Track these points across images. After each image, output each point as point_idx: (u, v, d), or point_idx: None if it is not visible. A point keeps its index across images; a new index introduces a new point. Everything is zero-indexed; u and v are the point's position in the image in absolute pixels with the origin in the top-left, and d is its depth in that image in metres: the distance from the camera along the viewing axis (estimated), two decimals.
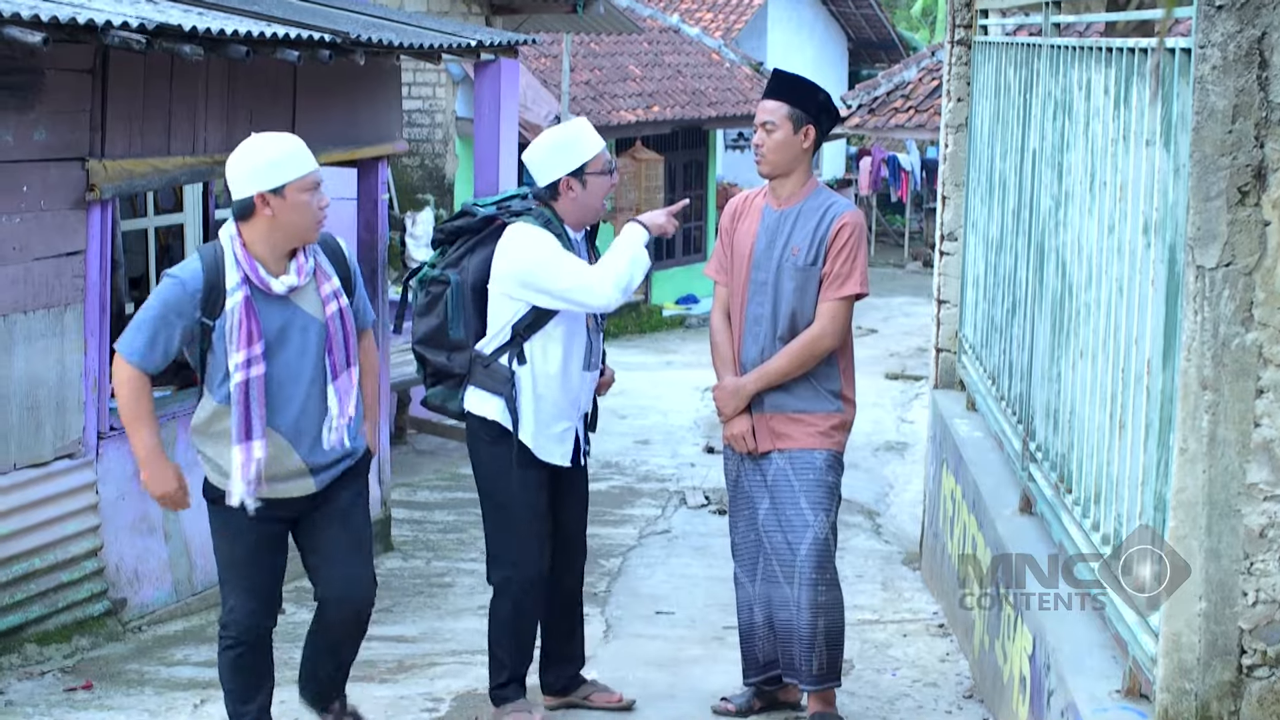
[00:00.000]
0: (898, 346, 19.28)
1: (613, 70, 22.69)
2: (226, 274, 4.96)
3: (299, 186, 4.95)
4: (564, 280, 5.59)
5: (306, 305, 5.06)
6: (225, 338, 4.96)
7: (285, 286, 5.02)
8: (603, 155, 5.72)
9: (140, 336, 4.97)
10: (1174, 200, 3.92)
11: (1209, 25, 3.61)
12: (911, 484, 10.99)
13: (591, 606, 7.93)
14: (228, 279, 4.96)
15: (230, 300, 4.95)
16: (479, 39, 10.41)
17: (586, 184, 5.69)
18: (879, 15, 34.31)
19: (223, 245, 5.00)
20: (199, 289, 4.97)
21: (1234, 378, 3.70)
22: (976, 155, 7.71)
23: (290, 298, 5.04)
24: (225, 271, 4.96)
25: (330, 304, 5.09)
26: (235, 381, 4.95)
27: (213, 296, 4.96)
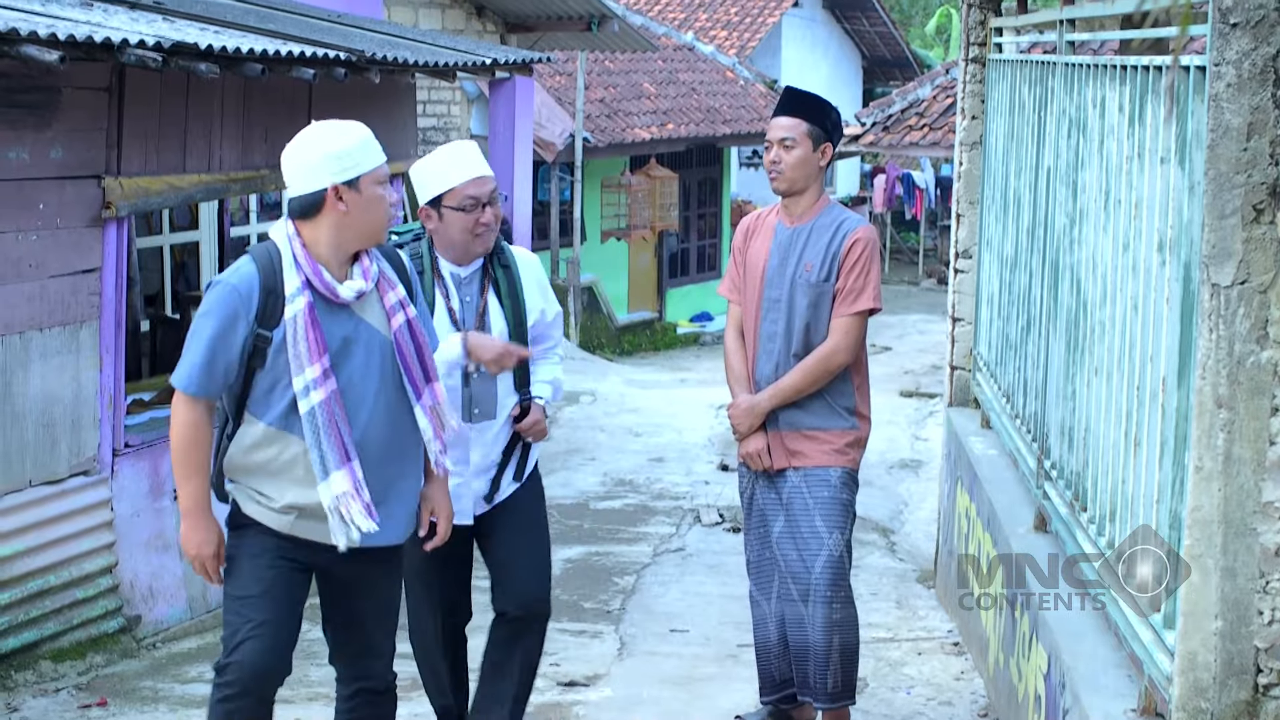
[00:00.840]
0: (912, 364, 19.25)
1: (627, 88, 22.73)
2: (285, 277, 4.39)
3: (374, 178, 4.42)
4: None
5: (370, 317, 4.50)
6: (285, 351, 4.37)
7: (354, 291, 4.43)
8: (462, 190, 5.17)
9: (196, 361, 4.35)
10: (1189, 218, 3.92)
11: (1224, 43, 3.61)
12: (926, 502, 10.97)
13: (606, 624, 7.93)
14: (287, 283, 4.38)
15: (290, 308, 4.36)
16: (494, 57, 10.44)
17: (445, 217, 5.20)
18: (893, 33, 34.35)
19: (278, 246, 4.42)
20: (255, 294, 4.37)
21: (1249, 396, 3.69)
22: (991, 173, 7.71)
23: (353, 308, 4.47)
24: (283, 275, 4.39)
25: (396, 315, 4.51)
26: (313, 402, 4.34)
27: (270, 303, 4.37)
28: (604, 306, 21.88)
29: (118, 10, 7.75)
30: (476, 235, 5.19)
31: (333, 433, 4.36)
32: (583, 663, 7.21)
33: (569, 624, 7.94)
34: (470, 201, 5.16)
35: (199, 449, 4.41)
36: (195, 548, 4.46)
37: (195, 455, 4.40)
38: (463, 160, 5.23)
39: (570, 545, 9.67)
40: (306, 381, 4.34)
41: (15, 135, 6.80)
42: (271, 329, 4.36)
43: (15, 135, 6.80)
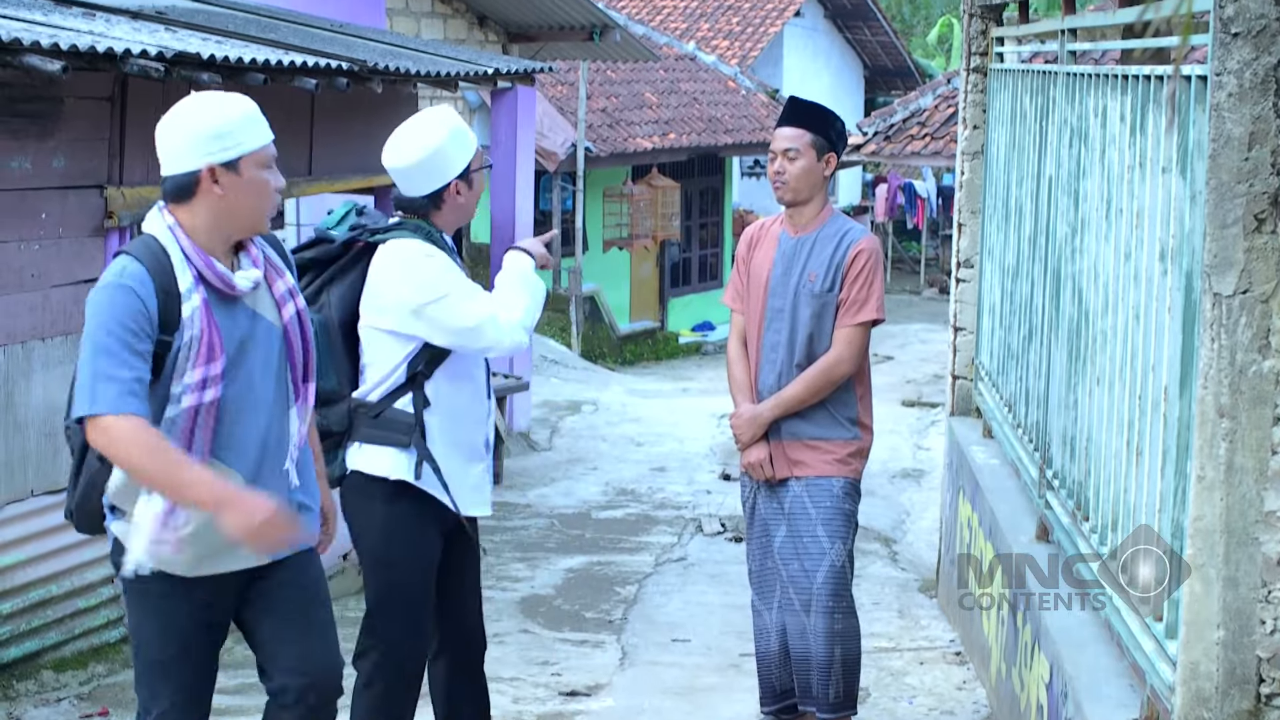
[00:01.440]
0: (914, 373, 19.25)
1: (629, 98, 22.74)
2: (177, 273, 3.86)
3: (257, 160, 3.93)
4: (466, 315, 4.77)
5: (263, 309, 4.03)
6: (178, 356, 3.85)
7: (250, 281, 3.96)
8: (479, 148, 5.00)
9: (114, 377, 3.74)
10: (1190, 227, 3.92)
11: (1225, 52, 3.61)
12: (928, 511, 10.96)
13: (607, 633, 7.93)
14: (180, 281, 3.85)
15: (187, 307, 3.84)
16: (496, 67, 10.45)
17: (473, 183, 4.94)
18: (895, 43, 34.38)
19: (159, 238, 3.90)
20: (152, 296, 3.82)
21: (1251, 405, 3.69)
22: (993, 182, 7.71)
23: (245, 301, 3.99)
24: (175, 271, 3.86)
25: (287, 305, 4.05)
26: (181, 407, 3.83)
27: (167, 304, 3.83)
28: (606, 316, 21.88)
29: (120, 20, 7.75)
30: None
31: (187, 443, 3.85)
32: (584, 672, 7.20)
33: (570, 633, 7.93)
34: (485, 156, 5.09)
35: (160, 441, 3.76)
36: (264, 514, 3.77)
37: (170, 453, 3.76)
38: (461, 127, 4.96)
39: (572, 554, 9.66)
40: (188, 384, 3.84)
41: (17, 145, 6.80)
42: (172, 333, 3.84)
43: (17, 145, 6.80)
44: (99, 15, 7.77)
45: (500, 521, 10.66)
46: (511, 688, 6.89)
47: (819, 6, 32.93)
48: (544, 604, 8.54)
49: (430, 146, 4.84)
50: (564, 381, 16.67)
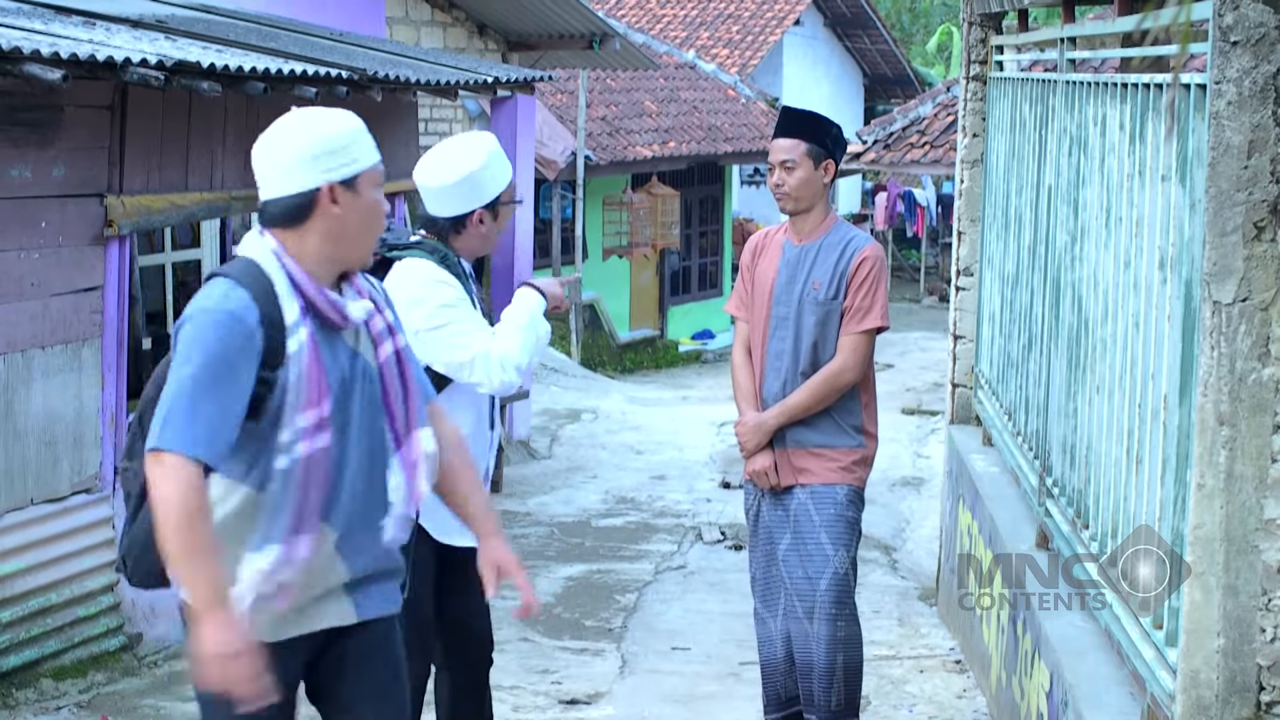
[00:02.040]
0: (914, 381, 19.25)
1: (629, 106, 22.76)
2: (282, 303, 3.48)
3: (372, 178, 3.61)
4: (460, 348, 4.72)
5: (363, 349, 3.64)
6: (287, 393, 3.48)
7: (364, 312, 3.60)
8: (513, 181, 4.99)
9: (198, 415, 3.33)
10: (1190, 235, 3.92)
11: (1224, 61, 3.61)
12: (928, 519, 10.96)
13: (607, 642, 7.92)
14: (285, 311, 3.48)
15: (294, 340, 3.47)
16: (495, 75, 10.45)
17: (498, 215, 4.91)
18: (894, 51, 34.40)
19: (262, 263, 3.52)
20: (257, 326, 3.44)
21: (1251, 413, 3.69)
22: (992, 191, 7.72)
23: (347, 338, 3.60)
24: (281, 300, 3.49)
25: (385, 344, 3.64)
26: (295, 456, 3.46)
27: (273, 336, 3.46)
28: (605, 324, 21.88)
29: (120, 29, 7.76)
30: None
31: (302, 496, 3.50)
32: (584, 681, 7.20)
33: (570, 642, 7.93)
34: (516, 191, 5.05)
35: (202, 519, 3.34)
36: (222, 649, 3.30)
37: (201, 529, 3.33)
38: (502, 154, 4.93)
39: (571, 563, 9.66)
40: (296, 431, 3.47)
41: (17, 153, 6.81)
42: (276, 369, 3.46)
43: (17, 153, 6.81)
44: (99, 24, 7.78)
45: None
46: (511, 696, 6.88)
47: (818, 15, 32.95)
48: (544, 612, 8.54)
49: (464, 171, 4.80)
50: (564, 390, 16.67)
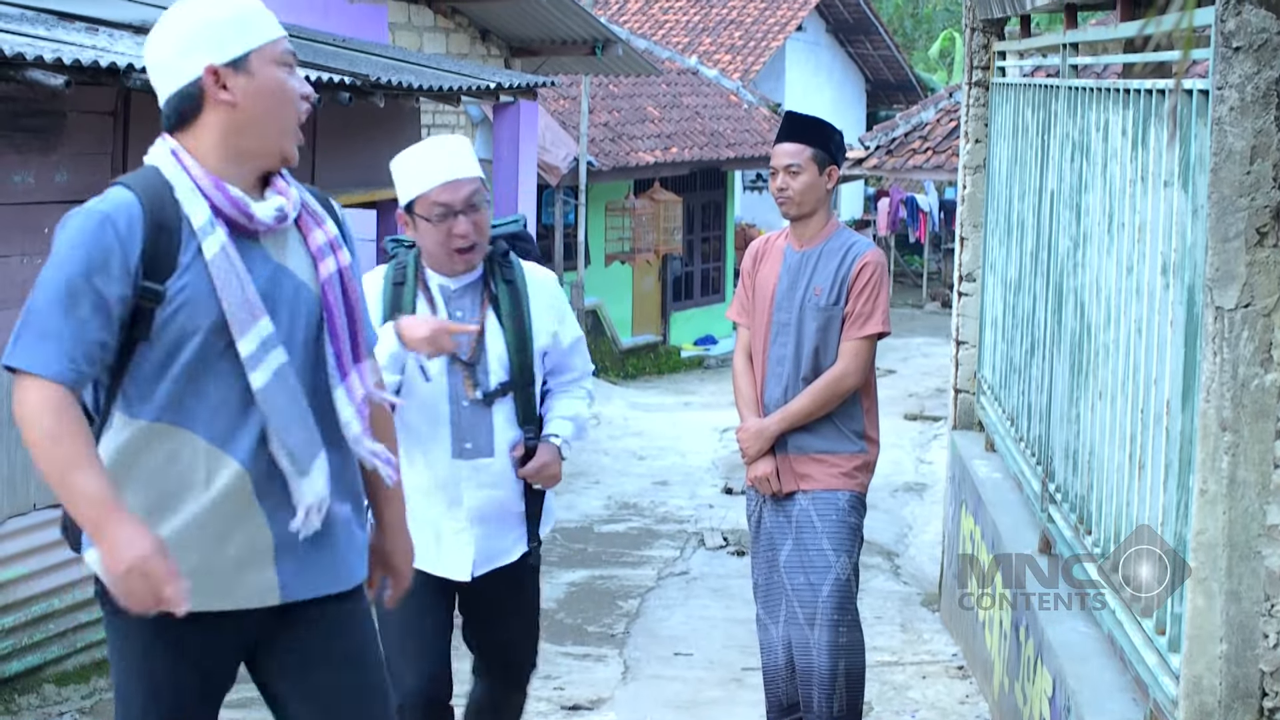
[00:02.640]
0: (916, 387, 19.25)
1: (631, 112, 22.76)
2: (183, 205, 3.11)
3: (271, 56, 3.18)
4: None
5: (291, 262, 3.24)
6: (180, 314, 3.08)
7: (273, 211, 3.17)
8: (429, 196, 4.41)
9: (52, 329, 3.01)
10: (1192, 241, 3.92)
11: (1226, 67, 3.62)
12: (930, 525, 10.96)
13: (610, 647, 7.92)
14: (190, 213, 3.10)
15: (209, 245, 3.09)
16: (498, 81, 10.46)
17: (419, 224, 4.50)
18: (896, 57, 34.40)
19: (163, 168, 3.17)
20: (136, 230, 3.06)
21: (1253, 419, 3.69)
22: (994, 196, 7.72)
23: (267, 245, 3.20)
24: (180, 202, 3.11)
25: (326, 260, 3.25)
26: (272, 368, 3.12)
27: (161, 242, 3.07)
28: (608, 330, 21.88)
29: (123, 35, 7.77)
30: (455, 250, 4.43)
31: (300, 407, 3.17)
32: (586, 686, 7.20)
33: (573, 647, 7.93)
34: (440, 210, 4.41)
35: (77, 429, 3.00)
36: (131, 559, 2.93)
37: (76, 439, 2.99)
38: (435, 160, 4.48)
39: (574, 569, 9.66)
40: (262, 338, 3.11)
41: (20, 159, 6.81)
42: (163, 281, 3.06)
43: (20, 159, 6.81)
44: (102, 30, 7.78)
45: None
46: None
47: (821, 21, 32.96)
48: (546, 618, 8.53)
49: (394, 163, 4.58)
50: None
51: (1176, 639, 4.00)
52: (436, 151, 4.49)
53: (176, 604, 2.96)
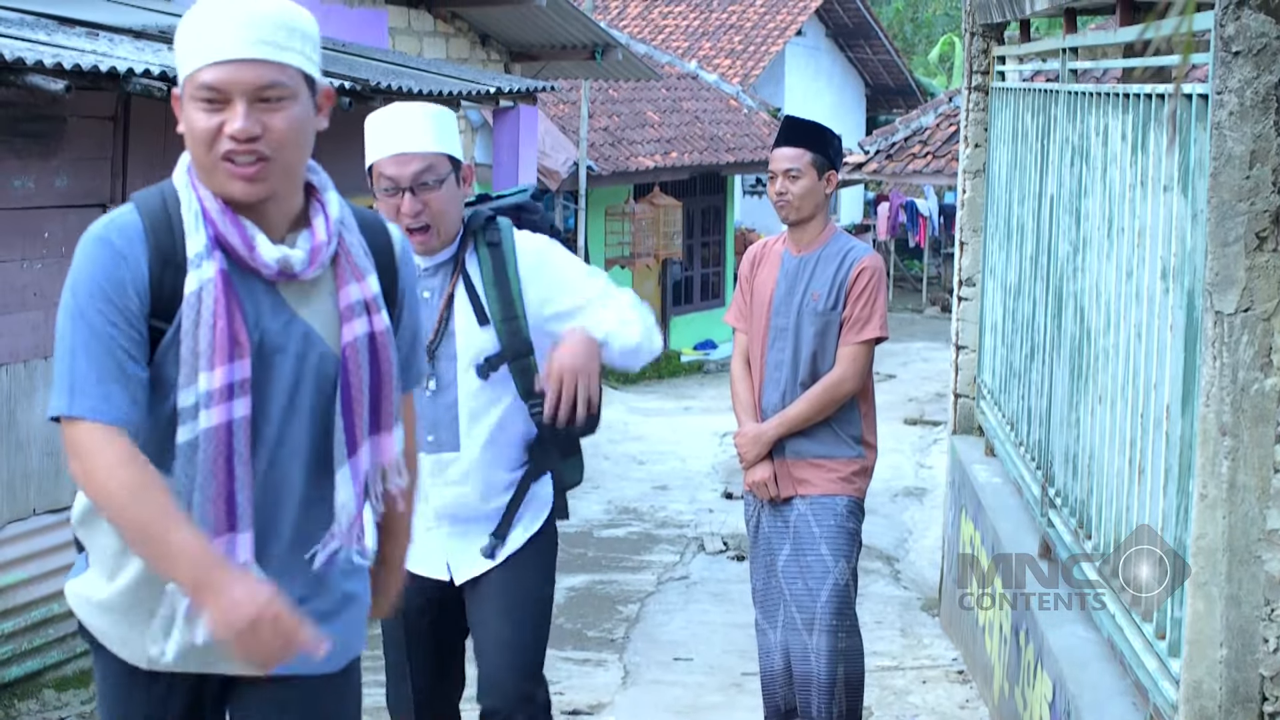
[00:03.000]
0: (916, 392, 19.25)
1: (631, 116, 22.76)
2: (187, 233, 2.82)
3: (189, 88, 2.80)
4: None
5: (312, 314, 2.89)
6: (181, 345, 2.78)
7: (276, 258, 2.82)
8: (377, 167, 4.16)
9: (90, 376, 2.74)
10: (1192, 246, 3.92)
11: (1226, 71, 3.62)
12: (930, 530, 10.96)
13: (610, 652, 7.92)
14: (188, 242, 2.81)
15: (194, 276, 2.78)
16: (498, 86, 10.46)
17: (376, 196, 4.23)
18: (896, 61, 34.42)
19: (178, 184, 2.89)
20: (142, 257, 2.80)
21: (1253, 423, 3.69)
22: (994, 201, 7.72)
23: (284, 293, 2.87)
24: (182, 229, 2.83)
25: (354, 321, 2.88)
26: (202, 427, 2.75)
27: (165, 278, 2.80)
28: None
29: (123, 40, 7.77)
30: (405, 229, 4.01)
31: (218, 480, 2.78)
32: (586, 691, 7.20)
33: (573, 652, 7.93)
34: (386, 184, 4.12)
35: (158, 481, 2.72)
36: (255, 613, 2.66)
37: (160, 494, 2.70)
38: (391, 128, 4.16)
39: (574, 574, 9.66)
40: (199, 394, 2.76)
41: (20, 164, 6.82)
42: (167, 319, 2.80)
43: (20, 164, 6.82)
44: (102, 35, 7.79)
45: None
46: None
47: (820, 25, 32.98)
48: None
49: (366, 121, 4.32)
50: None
51: (1176, 643, 4.00)
52: (396, 119, 4.14)
53: (315, 647, 2.75)
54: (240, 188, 2.78)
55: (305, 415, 2.90)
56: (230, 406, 2.77)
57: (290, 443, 2.88)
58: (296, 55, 2.82)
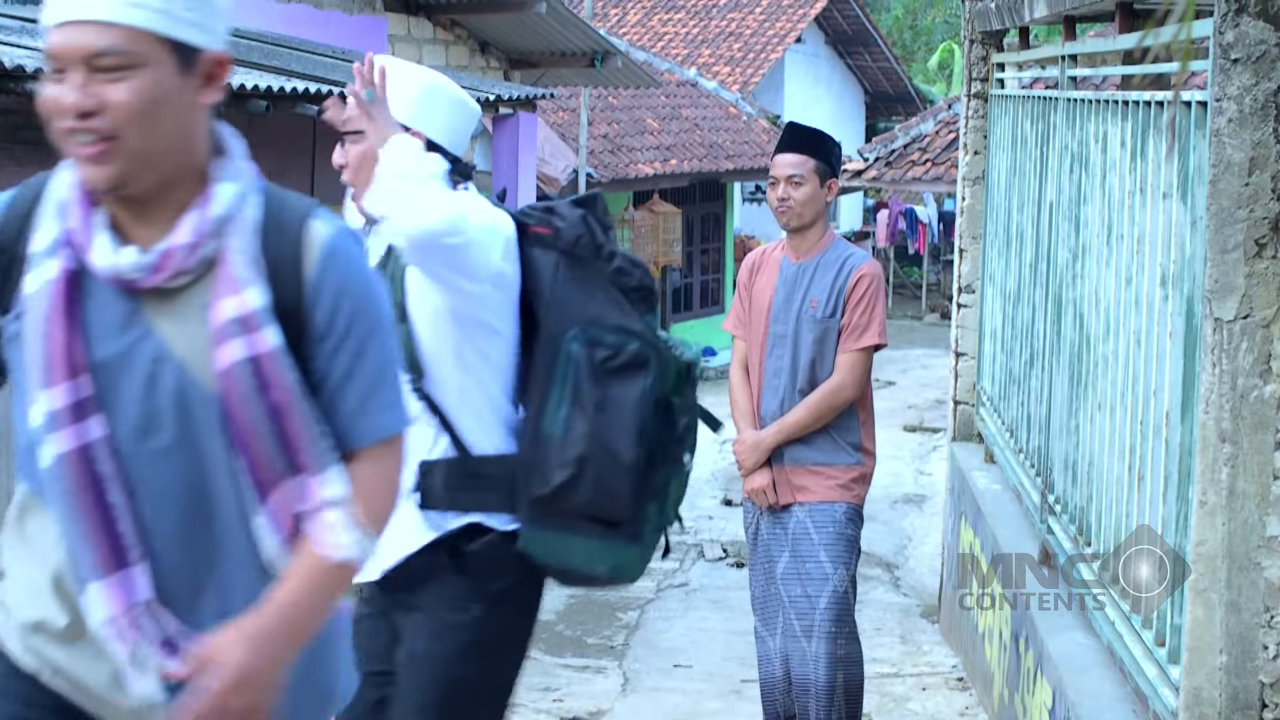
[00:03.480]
0: (915, 399, 19.24)
1: (630, 124, 22.78)
2: (40, 222, 2.46)
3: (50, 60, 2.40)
4: None
5: (172, 331, 2.42)
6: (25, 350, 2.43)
7: (110, 265, 2.39)
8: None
9: None
10: (1191, 253, 3.93)
11: (1225, 78, 3.62)
12: (930, 537, 10.95)
13: (609, 659, 7.92)
14: (38, 233, 2.45)
15: (34, 276, 2.42)
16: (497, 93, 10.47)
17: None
18: (895, 68, 34.44)
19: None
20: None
21: (1253, 430, 3.69)
22: (994, 208, 7.72)
23: (146, 300, 2.42)
24: (40, 217, 2.48)
25: (229, 344, 2.39)
26: (57, 452, 2.39)
27: (8, 268, 2.47)
28: None
29: None
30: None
31: (92, 515, 2.39)
32: (586, 698, 7.19)
33: (572, 659, 7.92)
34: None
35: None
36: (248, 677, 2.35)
37: None
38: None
39: None
40: (46, 413, 2.39)
41: (20, 171, 6.80)
42: (8, 313, 2.46)
43: (20, 171, 6.80)
44: None
45: None
46: (513, 714, 6.87)
47: (820, 33, 32.99)
48: (545, 629, 8.53)
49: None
50: None
51: (1176, 650, 4.00)
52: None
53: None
54: (86, 171, 2.38)
55: (171, 453, 2.41)
56: (82, 429, 2.39)
57: (154, 484, 2.41)
58: (149, 14, 2.33)
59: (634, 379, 3.72)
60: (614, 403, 3.67)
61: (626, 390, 3.69)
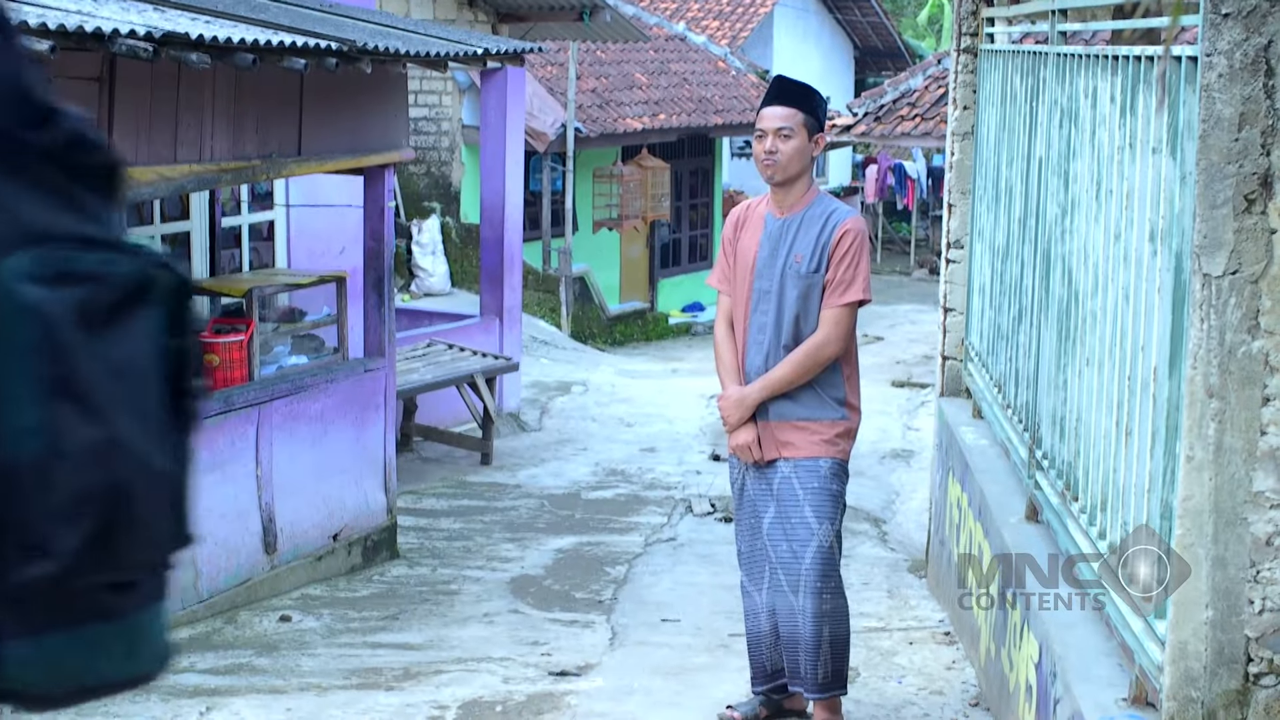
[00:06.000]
0: (904, 354, 19.26)
1: (619, 78, 22.71)
2: None
3: None
4: None
5: None
6: None
7: None
8: None
9: None
10: (1180, 208, 3.92)
11: (1215, 33, 3.61)
12: (917, 492, 10.98)
13: (597, 614, 7.94)
14: None
15: None
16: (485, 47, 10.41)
17: None
18: (885, 23, 34.35)
19: None
20: None
21: (1240, 385, 3.69)
22: (983, 163, 7.71)
23: None
24: None
25: None
26: None
27: None
28: (595, 296, 21.87)
29: (108, 0, 7.73)
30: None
31: None
32: (574, 652, 7.21)
33: (560, 614, 7.94)
34: None
35: None
36: None
37: None
38: None
39: (562, 535, 9.67)
40: None
41: None
42: None
43: None
44: None
45: (490, 502, 10.66)
46: (501, 667, 6.89)
47: None
48: (534, 584, 8.55)
49: None
50: (554, 362, 16.67)
51: (1162, 606, 4.01)
52: None
53: None
54: None
55: None
56: None
57: None
58: None
59: (137, 322, 1.49)
60: (120, 372, 1.85)
61: (132, 343, 1.54)
